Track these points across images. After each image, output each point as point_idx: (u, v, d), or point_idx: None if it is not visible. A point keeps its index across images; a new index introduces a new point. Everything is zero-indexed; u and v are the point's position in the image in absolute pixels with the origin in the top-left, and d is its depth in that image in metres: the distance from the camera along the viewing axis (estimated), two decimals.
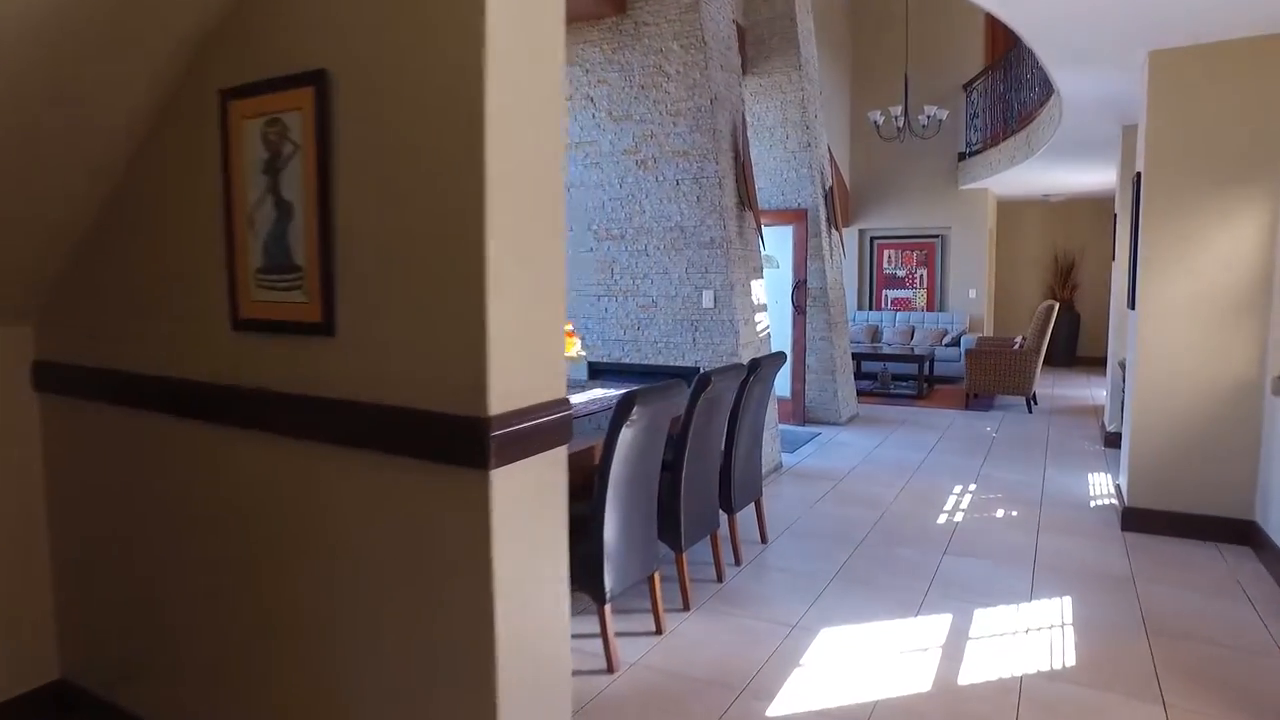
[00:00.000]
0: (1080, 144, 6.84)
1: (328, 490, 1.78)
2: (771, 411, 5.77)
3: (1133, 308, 4.38)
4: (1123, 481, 4.54)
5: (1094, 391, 9.42)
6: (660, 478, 3.19)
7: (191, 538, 2.08)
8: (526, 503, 1.63)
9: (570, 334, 3.80)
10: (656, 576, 3.16)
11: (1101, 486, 5.23)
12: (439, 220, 1.56)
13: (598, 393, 4.47)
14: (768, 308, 5.88)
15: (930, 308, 10.94)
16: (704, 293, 5.42)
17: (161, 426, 2.10)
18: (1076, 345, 11.90)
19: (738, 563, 3.89)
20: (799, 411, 7.32)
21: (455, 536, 1.58)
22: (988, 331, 11.04)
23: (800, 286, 7.19)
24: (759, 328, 5.67)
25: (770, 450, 5.67)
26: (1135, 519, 4.27)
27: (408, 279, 1.62)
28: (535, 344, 1.65)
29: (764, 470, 5.47)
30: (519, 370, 1.60)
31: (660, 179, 5.53)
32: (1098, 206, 11.72)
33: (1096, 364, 11.64)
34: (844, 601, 3.44)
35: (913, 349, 9.67)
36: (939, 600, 3.43)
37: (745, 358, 5.38)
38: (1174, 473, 4.19)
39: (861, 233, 11.30)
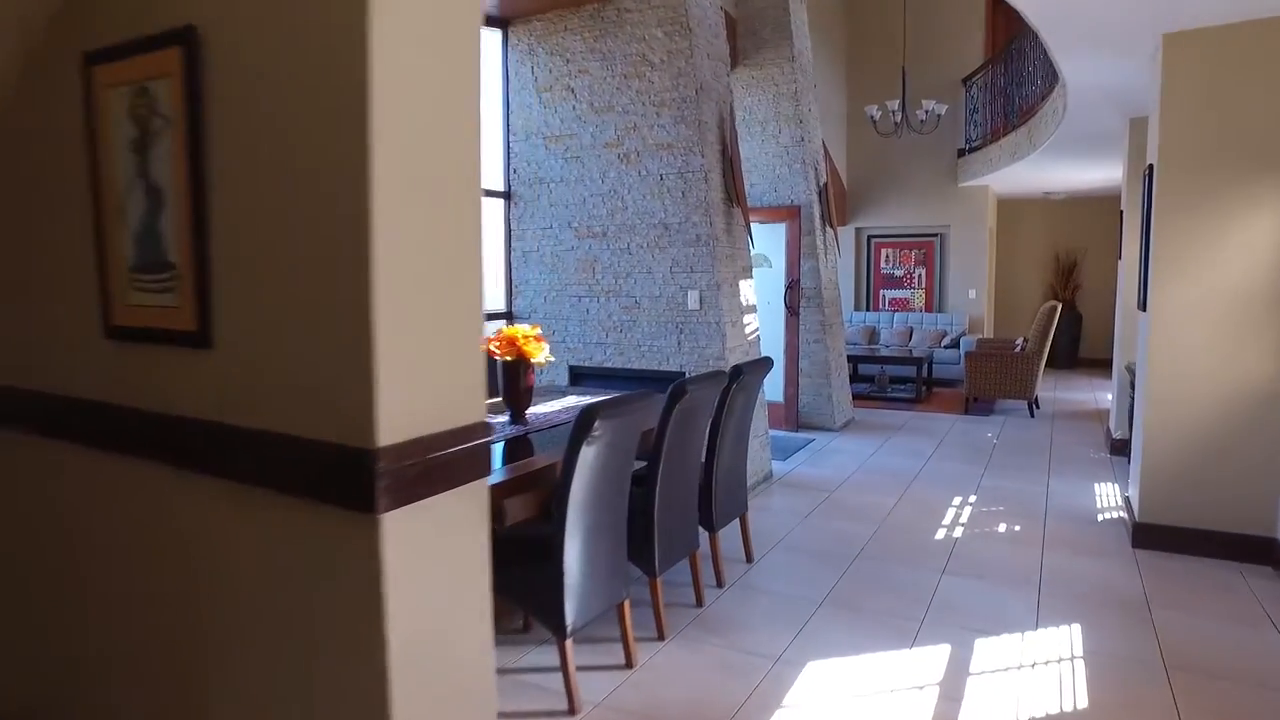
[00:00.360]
0: (1084, 138, 6.56)
1: (210, 529, 1.49)
2: (761, 418, 5.49)
3: (1144, 309, 4.10)
4: (1133, 494, 4.26)
5: (1097, 395, 9.14)
6: (632, 496, 2.91)
7: (77, 570, 1.80)
8: (433, 549, 1.34)
9: (539, 338, 3.52)
10: (627, 605, 2.88)
11: (1109, 498, 4.95)
12: (322, 213, 1.28)
13: (571, 400, 4.19)
14: (757, 309, 5.61)
15: (929, 308, 10.66)
16: (689, 293, 5.13)
17: (34, 448, 1.82)
18: (1078, 347, 11.63)
19: (720, 585, 3.61)
20: (791, 417, 7.04)
21: (345, 593, 1.29)
22: (987, 333, 10.76)
23: (793, 287, 6.91)
24: (748, 330, 5.39)
25: (759, 459, 5.39)
26: (1147, 535, 3.99)
27: (292, 282, 1.33)
28: (444, 361, 1.37)
29: (753, 480, 5.19)
30: (421, 392, 1.31)
31: (643, 173, 5.25)
32: (1101, 204, 11.44)
33: (1099, 366, 11.37)
34: (833, 629, 3.15)
35: (910, 351, 9.39)
36: (937, 628, 3.15)
37: (732, 362, 5.09)
38: (1188, 486, 3.91)
39: (858, 231, 11.02)
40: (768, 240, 7.14)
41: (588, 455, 2.49)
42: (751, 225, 7.17)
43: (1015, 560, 3.89)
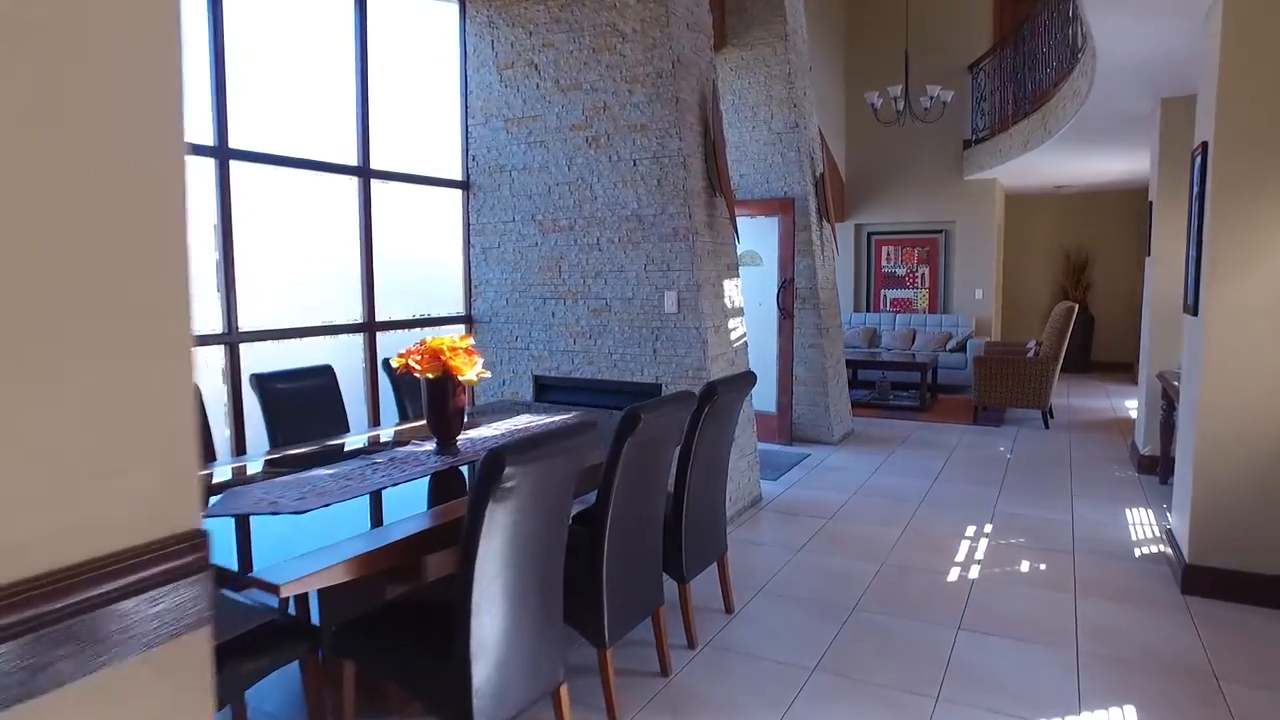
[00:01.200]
0: (1107, 123, 5.95)
1: None
2: (748, 434, 4.87)
3: (1193, 313, 3.49)
4: (1179, 530, 3.65)
5: (1115, 402, 8.53)
6: (574, 545, 2.30)
7: None
8: None
9: (470, 351, 2.91)
10: (563, 691, 2.27)
11: (1145, 528, 4.33)
12: None
13: (522, 420, 3.58)
14: (744, 312, 5.00)
15: (933, 309, 10.05)
16: (666, 294, 4.52)
17: None
18: (1090, 350, 11.02)
19: (691, 645, 3.00)
20: (785, 429, 6.43)
21: None
22: (995, 335, 10.15)
23: (787, 286, 6.30)
24: (733, 336, 4.78)
25: (746, 480, 4.77)
26: (1200, 580, 3.38)
27: None
28: (100, 423, 0.75)
29: (738, 506, 4.58)
30: (39, 484, 0.70)
31: (614, 159, 4.64)
32: (1116, 198, 10.83)
33: (1113, 370, 10.76)
34: (829, 710, 2.54)
35: (914, 355, 8.78)
36: (956, 709, 2.54)
37: (715, 373, 4.48)
38: (1251, 523, 3.30)
39: (858, 228, 10.40)
40: (758, 236, 6.53)
41: (500, 513, 1.88)
42: (739, 219, 6.57)
43: (1044, 611, 3.28)
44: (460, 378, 2.82)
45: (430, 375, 2.82)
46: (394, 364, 2.90)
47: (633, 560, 2.58)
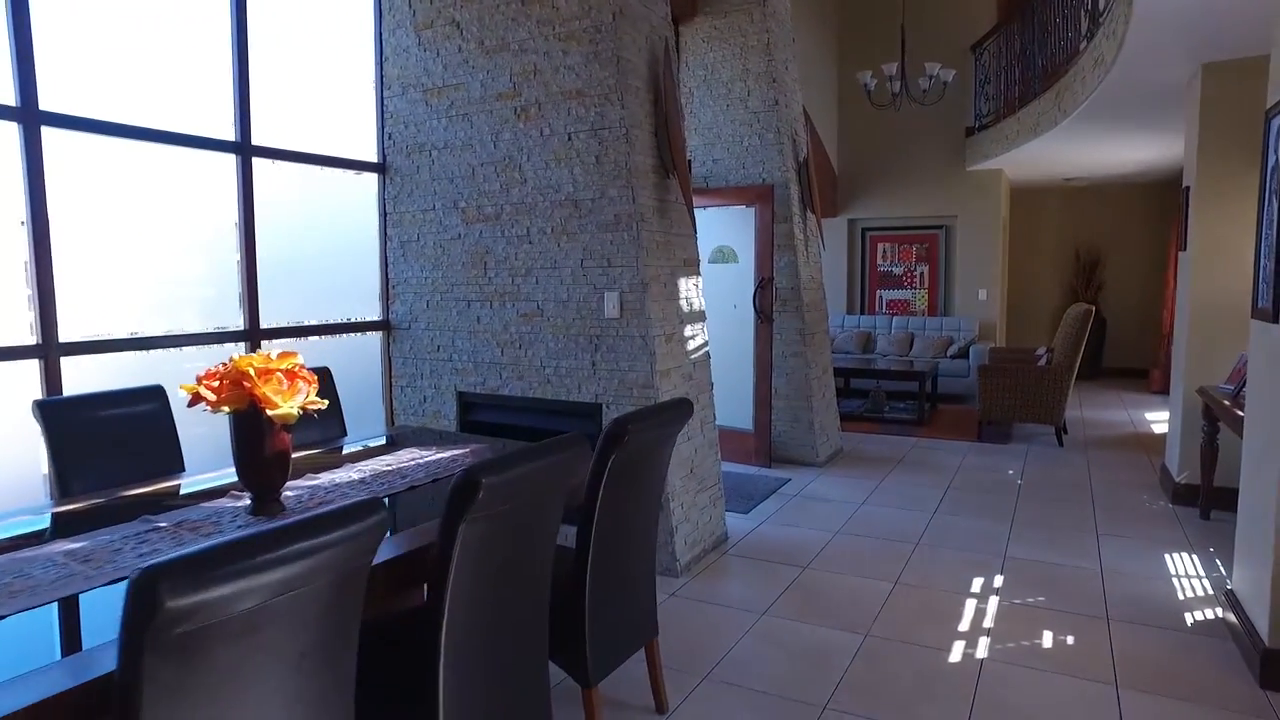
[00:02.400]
0: (1133, 97, 5.15)
1: None
2: (710, 462, 4.08)
3: (1275, 318, 2.68)
4: (1251, 597, 2.85)
5: (1133, 415, 7.73)
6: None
7: None
8: None
9: (294, 373, 2.12)
10: None
11: (1194, 583, 3.53)
12: None
13: (403, 459, 2.77)
14: (705, 317, 4.20)
15: (932, 312, 9.25)
16: (605, 295, 3.73)
17: None
18: (1102, 354, 10.22)
19: None
20: (763, 449, 5.63)
21: None
22: (1000, 340, 9.35)
23: (765, 287, 5.51)
24: (691, 346, 3.98)
25: (707, 519, 3.98)
26: None
27: None
28: None
29: (698, 551, 3.79)
30: None
31: (546, 132, 3.86)
32: (1131, 190, 10.04)
33: (1127, 377, 9.96)
34: None
35: (911, 363, 7.98)
36: None
37: (666, 390, 3.69)
38: None
39: (851, 223, 9.61)
40: (733, 229, 5.74)
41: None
42: (710, 209, 5.79)
43: (1077, 712, 2.48)
44: (270, 413, 2.02)
45: (229, 409, 2.03)
46: (183, 391, 2.10)
47: (490, 680, 1.78)
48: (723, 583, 3.60)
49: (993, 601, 3.33)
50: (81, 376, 3.14)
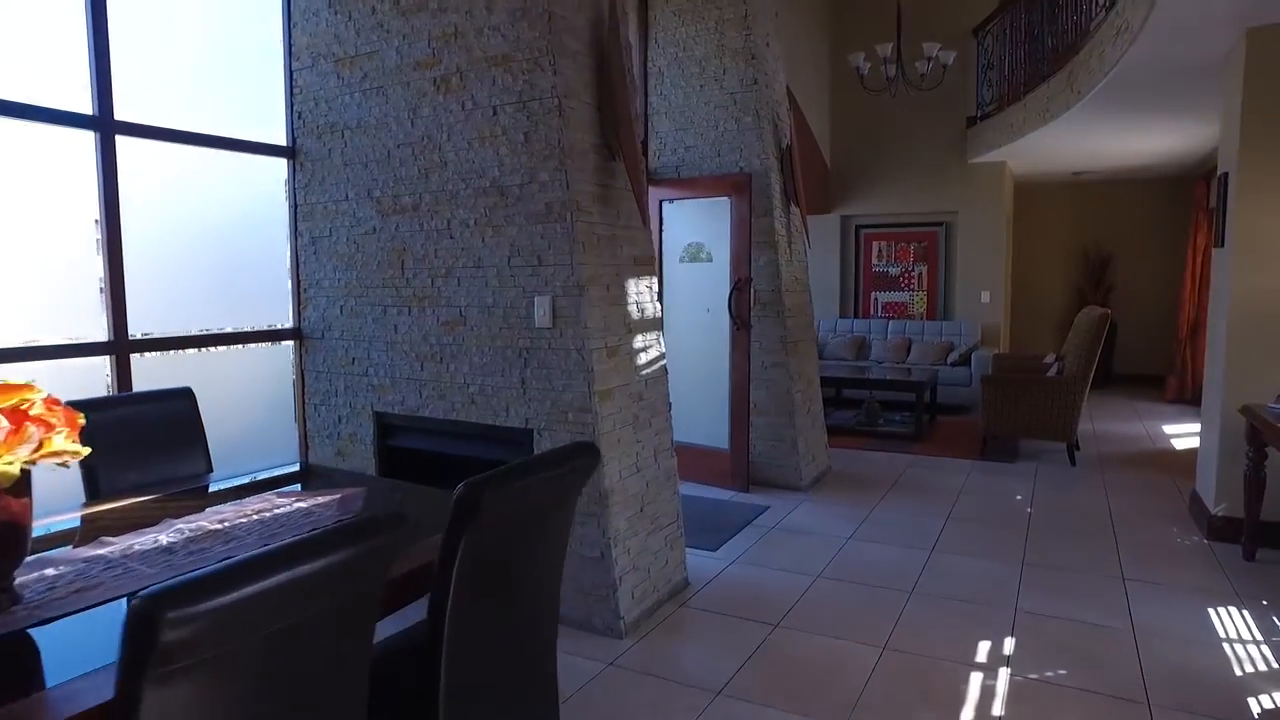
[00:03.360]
0: (1160, 72, 4.53)
1: None
2: (667, 496, 3.46)
3: None
4: None
5: (1149, 427, 7.10)
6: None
7: None
8: None
9: (22, 413, 1.51)
10: None
11: (1249, 651, 2.90)
12: None
13: (237, 516, 2.15)
14: (661, 324, 3.58)
15: (931, 315, 8.63)
16: (536, 300, 3.12)
17: None
18: (1112, 360, 9.58)
19: None
20: (740, 472, 5.01)
21: None
22: (1004, 346, 8.73)
23: (742, 288, 4.89)
24: (642, 359, 3.36)
25: (664, 564, 3.36)
26: None
27: None
28: None
29: (650, 603, 3.16)
30: None
31: (469, 106, 3.24)
32: (1145, 183, 9.42)
33: (1140, 385, 9.33)
34: None
35: (909, 371, 7.36)
36: None
37: (604, 415, 3.07)
38: None
39: (844, 220, 8.99)
40: (707, 223, 5.13)
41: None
42: (680, 202, 5.17)
43: None
44: None
45: None
46: None
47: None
48: (675, 646, 2.98)
49: (1003, 676, 2.71)
50: None
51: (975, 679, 2.70)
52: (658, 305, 3.51)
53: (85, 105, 3.06)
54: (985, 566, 3.72)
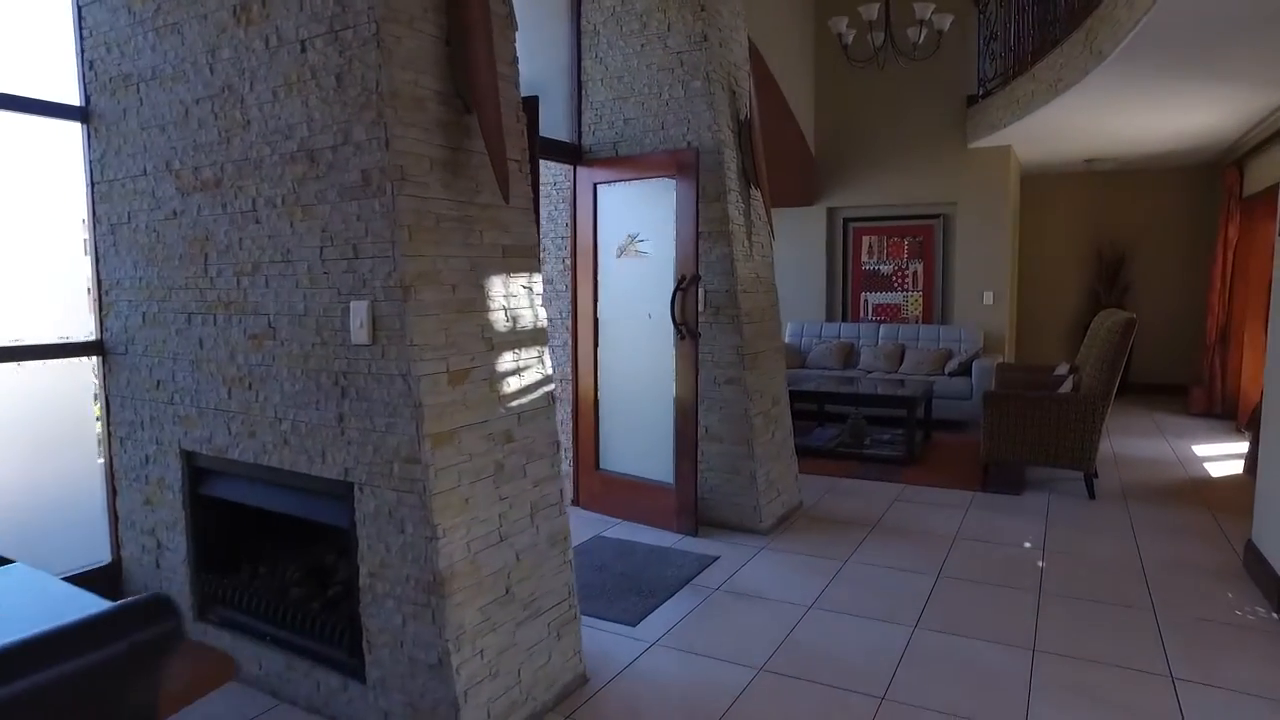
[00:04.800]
0: (1202, 20, 3.64)
1: None
2: (554, 573, 2.57)
3: None
4: None
5: (1175, 446, 6.20)
6: None
7: None
8: None
9: None
10: None
11: None
12: None
13: None
14: (545, 338, 2.68)
15: (927, 319, 7.73)
16: (352, 307, 2.25)
17: None
18: (1129, 367, 8.64)
19: None
20: (687, 510, 4.13)
21: None
22: (1009, 354, 7.83)
23: (687, 289, 4.01)
24: (514, 387, 2.48)
25: (540, 664, 2.48)
26: None
27: None
28: None
29: (531, 711, 2.30)
30: None
31: (274, 42, 2.38)
32: (1167, 172, 8.49)
33: (1160, 394, 8.41)
34: None
35: (902, 383, 6.46)
36: None
37: (447, 466, 2.20)
38: None
39: (831, 213, 8.09)
40: (648, 210, 4.26)
41: None
42: (621, 186, 4.25)
43: None
44: None
45: None
46: None
47: None
48: None
49: None
50: None
51: None
52: (540, 312, 2.63)
53: None
54: (985, 655, 2.84)
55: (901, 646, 2.90)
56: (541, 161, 4.64)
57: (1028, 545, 3.99)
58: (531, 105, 2.82)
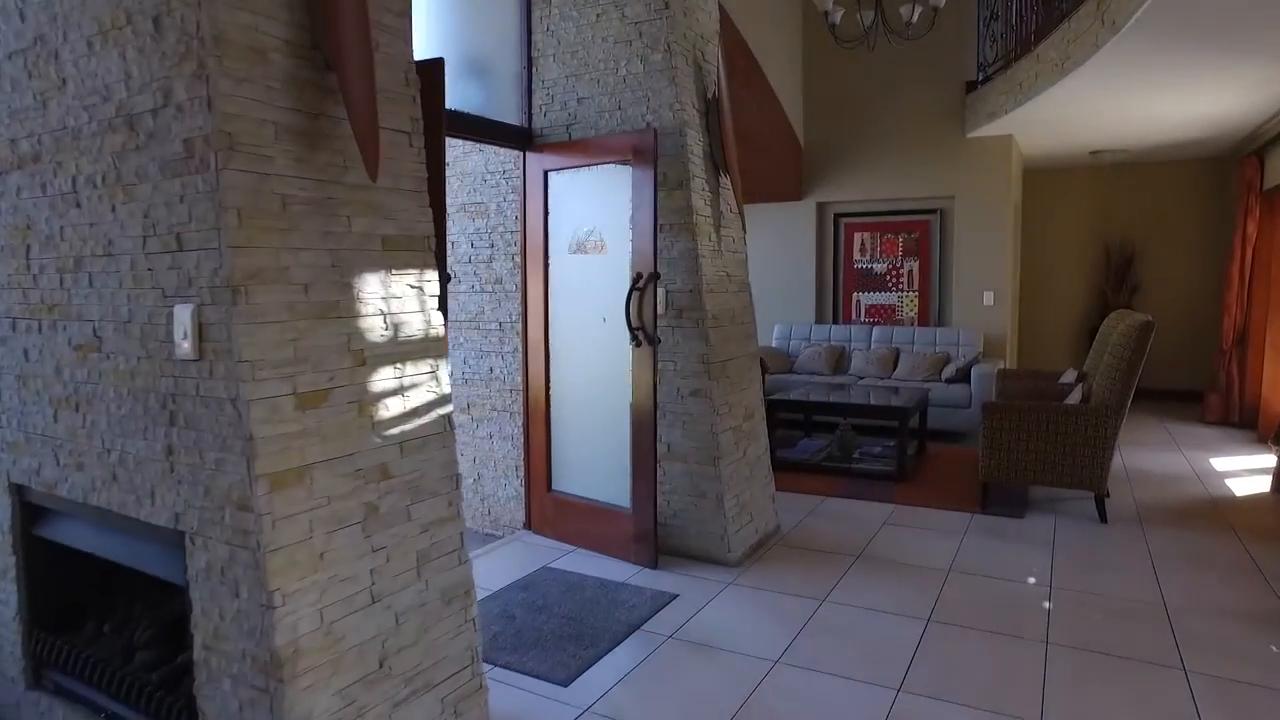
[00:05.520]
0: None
1: None
2: (450, 638, 2.10)
3: None
4: None
5: (1192, 458, 5.72)
6: None
7: None
8: None
9: None
10: None
11: None
12: None
13: None
14: (443, 348, 2.20)
15: (924, 320, 7.25)
16: (176, 312, 1.78)
17: None
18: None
19: None
20: (645, 539, 3.65)
21: None
22: (1011, 359, 7.35)
23: (646, 289, 3.53)
24: (394, 410, 2.00)
25: None
26: None
27: None
28: None
29: None
30: None
31: None
32: (1178, 165, 8.01)
33: (1172, 401, 7.92)
34: None
35: (894, 391, 5.98)
36: None
37: (281, 514, 1.72)
38: None
39: (821, 208, 7.62)
40: (604, 199, 3.79)
41: None
42: (573, 173, 3.73)
43: None
44: None
45: None
46: None
47: None
48: None
49: None
50: None
51: None
52: (434, 317, 2.16)
53: None
54: None
55: (884, 714, 2.43)
56: (491, 148, 4.19)
57: (1031, 581, 3.51)
58: (435, 68, 2.36)
